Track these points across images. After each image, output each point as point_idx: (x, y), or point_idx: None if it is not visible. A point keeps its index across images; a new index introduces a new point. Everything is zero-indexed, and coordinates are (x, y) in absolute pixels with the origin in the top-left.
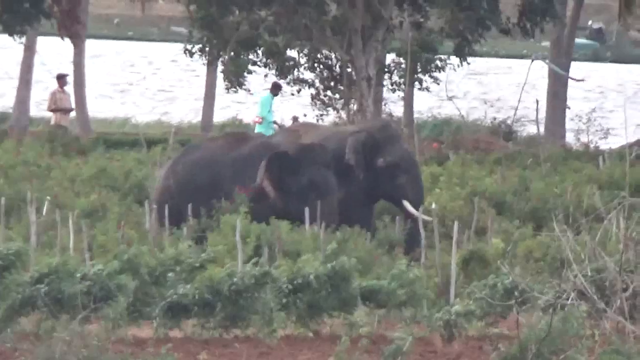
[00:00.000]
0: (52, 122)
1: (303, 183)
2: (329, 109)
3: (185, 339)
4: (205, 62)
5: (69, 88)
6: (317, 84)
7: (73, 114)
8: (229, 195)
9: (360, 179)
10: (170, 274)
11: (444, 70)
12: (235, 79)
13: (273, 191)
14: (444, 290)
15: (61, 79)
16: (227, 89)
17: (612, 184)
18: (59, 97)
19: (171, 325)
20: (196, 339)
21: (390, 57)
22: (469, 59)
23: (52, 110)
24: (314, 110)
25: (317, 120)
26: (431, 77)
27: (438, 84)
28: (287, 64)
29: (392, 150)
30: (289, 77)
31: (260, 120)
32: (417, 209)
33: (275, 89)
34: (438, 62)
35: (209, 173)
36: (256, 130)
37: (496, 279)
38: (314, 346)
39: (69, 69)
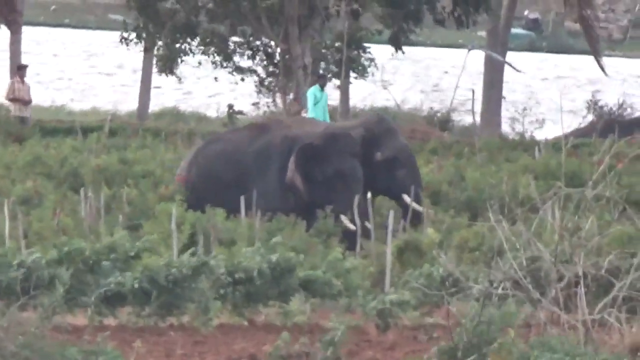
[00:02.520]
0: (12, 113)
1: (330, 173)
2: (274, 96)
3: (120, 327)
4: (142, 49)
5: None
6: (261, 72)
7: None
8: (252, 187)
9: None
10: (105, 263)
11: (366, 72)
12: (168, 65)
13: (302, 184)
14: (379, 279)
15: (21, 69)
16: (160, 72)
17: (547, 174)
18: (17, 87)
19: (106, 314)
20: (131, 327)
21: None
22: (406, 48)
23: (10, 100)
24: (259, 98)
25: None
26: (358, 72)
27: (364, 77)
28: (227, 51)
29: (390, 144)
30: (228, 65)
31: (306, 112)
32: (417, 203)
33: (320, 80)
34: (364, 61)
35: (231, 165)
36: None
37: (431, 269)
38: (249, 335)
39: (4, 56)
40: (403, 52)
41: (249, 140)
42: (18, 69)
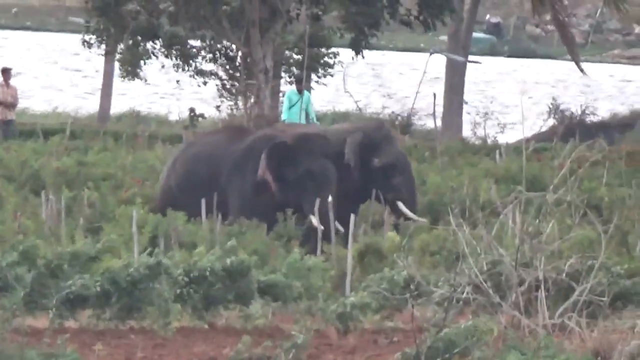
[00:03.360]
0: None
1: (301, 173)
2: (238, 99)
3: (80, 329)
4: (103, 52)
5: None
6: (222, 74)
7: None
8: (227, 190)
9: (356, 179)
10: (66, 266)
11: (332, 67)
12: (132, 69)
13: (273, 182)
14: (340, 283)
15: (5, 72)
16: (123, 77)
17: (508, 178)
18: (1, 90)
19: (67, 316)
20: (91, 329)
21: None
22: (367, 52)
23: None
24: (222, 101)
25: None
26: (321, 72)
27: (326, 77)
28: (189, 53)
29: (388, 150)
30: (190, 68)
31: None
32: (411, 211)
33: (297, 84)
34: (327, 59)
35: (207, 168)
36: None
37: (393, 272)
38: (209, 338)
39: None
40: (363, 57)
41: (227, 141)
42: (2, 72)
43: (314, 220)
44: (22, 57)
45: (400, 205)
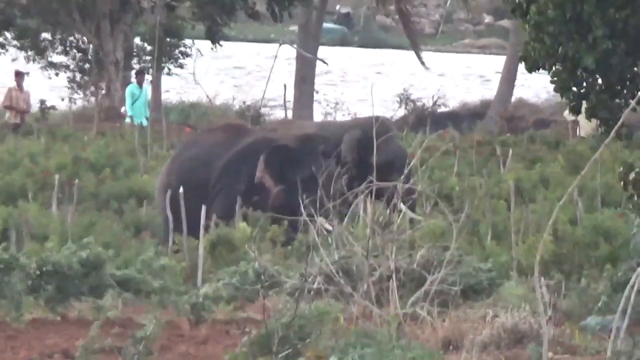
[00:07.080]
0: (7, 120)
1: (306, 174)
2: (86, 92)
3: None
4: None
5: None
6: (72, 67)
7: None
8: (217, 189)
9: (355, 177)
10: None
11: (188, 56)
12: None
13: (274, 185)
14: (192, 274)
15: (19, 76)
16: None
17: None
18: (14, 95)
19: None
20: None
21: (138, 41)
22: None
23: (5, 107)
24: (72, 93)
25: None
26: (176, 62)
27: (183, 67)
28: (40, 46)
29: (387, 147)
30: (41, 60)
31: (125, 112)
32: (410, 209)
33: (137, 77)
34: (183, 48)
35: (205, 169)
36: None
37: (246, 265)
38: (61, 330)
39: None
40: (221, 45)
41: (225, 142)
42: (16, 76)
43: (325, 223)
44: None
45: (399, 203)
